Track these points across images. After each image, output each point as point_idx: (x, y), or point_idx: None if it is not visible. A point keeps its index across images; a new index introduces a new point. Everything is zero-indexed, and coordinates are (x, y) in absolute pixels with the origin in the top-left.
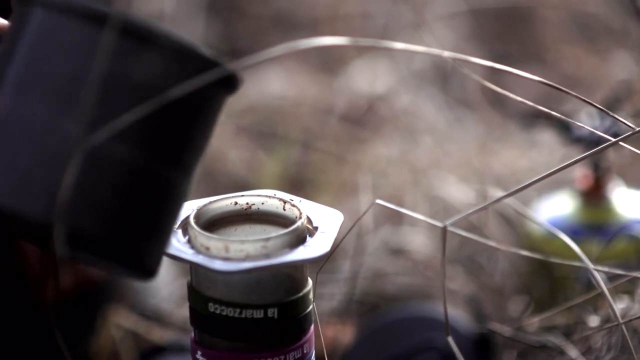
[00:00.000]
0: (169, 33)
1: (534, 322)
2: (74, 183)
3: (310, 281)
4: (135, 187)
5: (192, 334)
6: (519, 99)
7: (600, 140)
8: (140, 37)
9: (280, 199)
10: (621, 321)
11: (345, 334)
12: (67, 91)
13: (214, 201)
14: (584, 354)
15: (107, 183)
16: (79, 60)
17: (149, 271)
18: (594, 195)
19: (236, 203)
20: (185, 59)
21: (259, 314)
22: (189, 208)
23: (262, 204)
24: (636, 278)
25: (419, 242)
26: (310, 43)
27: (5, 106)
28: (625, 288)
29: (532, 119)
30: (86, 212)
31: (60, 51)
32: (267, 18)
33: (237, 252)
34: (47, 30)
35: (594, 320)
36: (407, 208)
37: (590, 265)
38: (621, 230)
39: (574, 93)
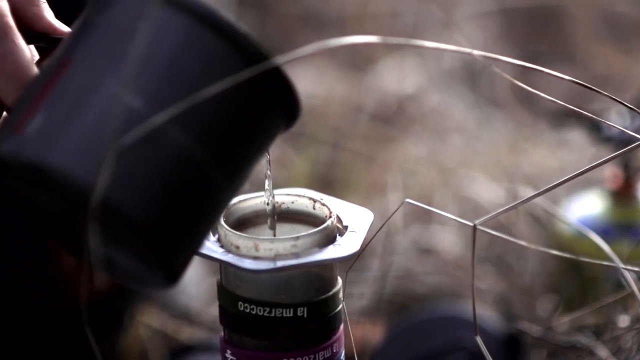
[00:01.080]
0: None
1: (563, 322)
2: (124, 158)
3: (339, 280)
4: (183, 178)
5: (222, 333)
6: (549, 98)
7: (630, 140)
8: (230, 39)
9: (310, 198)
10: None
11: (375, 334)
12: (135, 68)
13: (244, 200)
14: (614, 354)
15: (157, 164)
16: (158, 43)
17: (173, 272)
18: (624, 195)
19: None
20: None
21: (288, 313)
22: None
23: (292, 202)
24: None
25: (448, 241)
26: (341, 41)
27: (72, 72)
28: None
29: (562, 118)
30: (128, 188)
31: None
32: (295, 16)
33: (266, 251)
34: (127, 11)
35: (624, 320)
36: (437, 207)
37: (621, 265)
38: None
39: (604, 92)
